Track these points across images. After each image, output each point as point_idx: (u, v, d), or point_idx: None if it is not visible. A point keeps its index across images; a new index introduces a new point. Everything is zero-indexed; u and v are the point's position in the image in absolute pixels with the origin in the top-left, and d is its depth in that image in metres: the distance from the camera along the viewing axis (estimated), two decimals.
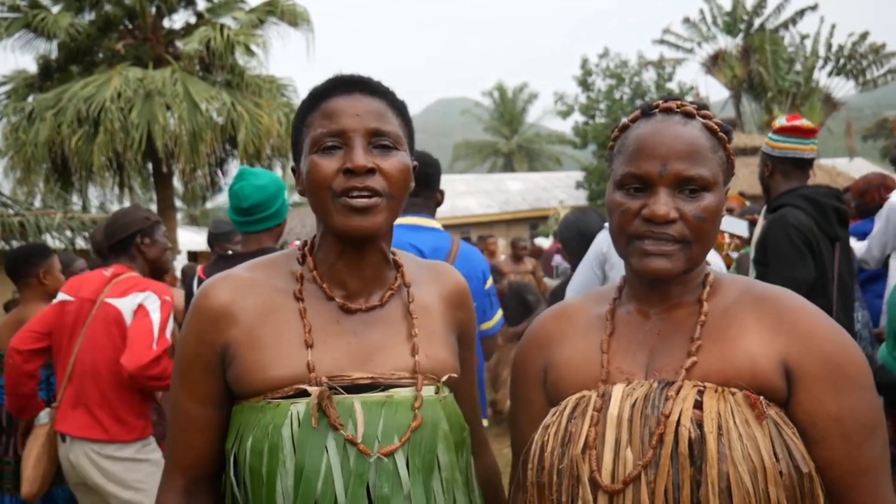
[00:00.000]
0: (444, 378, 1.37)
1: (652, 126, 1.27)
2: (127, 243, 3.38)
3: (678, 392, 1.17)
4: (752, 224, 4.85)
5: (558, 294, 3.88)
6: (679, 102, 1.29)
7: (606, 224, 3.23)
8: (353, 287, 1.39)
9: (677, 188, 1.22)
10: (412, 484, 1.27)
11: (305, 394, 1.26)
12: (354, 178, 1.29)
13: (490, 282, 3.14)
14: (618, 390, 1.22)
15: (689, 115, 1.27)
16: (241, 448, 1.29)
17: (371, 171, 1.30)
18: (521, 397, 1.43)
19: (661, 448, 1.13)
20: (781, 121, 3.38)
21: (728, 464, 1.09)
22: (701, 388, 1.17)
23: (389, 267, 1.44)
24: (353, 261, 1.37)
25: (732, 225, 5.35)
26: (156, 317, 3.10)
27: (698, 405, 1.15)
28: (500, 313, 3.25)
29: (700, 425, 1.12)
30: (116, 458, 3.16)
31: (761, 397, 1.15)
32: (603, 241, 3.20)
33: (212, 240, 4.94)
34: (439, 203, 3.03)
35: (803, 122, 3.34)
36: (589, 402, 1.23)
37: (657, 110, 1.29)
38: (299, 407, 1.26)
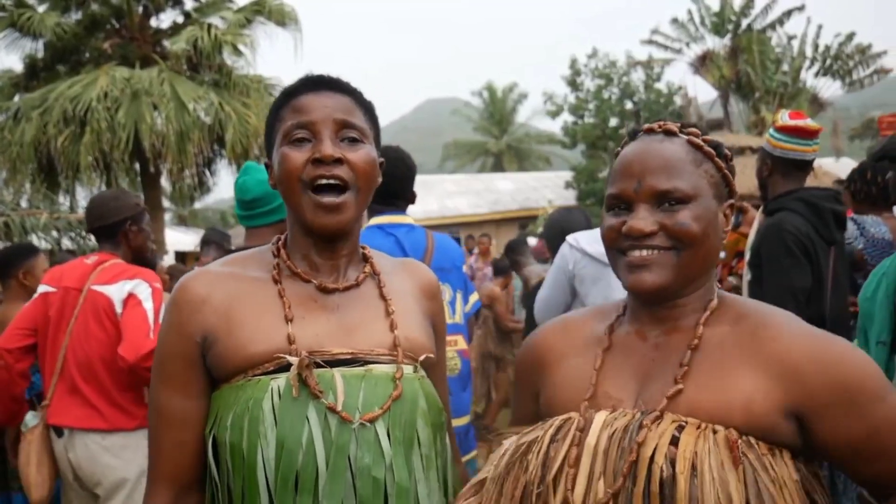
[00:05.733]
0: (422, 358, 1.40)
1: (632, 147, 1.29)
2: (115, 228, 3.30)
3: (657, 423, 1.15)
4: (741, 211, 4.75)
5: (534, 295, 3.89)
6: (661, 123, 1.30)
7: (569, 238, 3.24)
8: (327, 272, 1.44)
9: (657, 203, 1.23)
10: (393, 455, 1.27)
11: (285, 369, 1.29)
12: (322, 166, 1.34)
13: (465, 267, 3.24)
14: (599, 418, 1.21)
15: (670, 133, 1.28)
16: (220, 427, 1.29)
17: (338, 161, 1.35)
18: (520, 405, 1.45)
19: (632, 484, 1.11)
20: (784, 118, 3.26)
21: None
22: (682, 423, 1.15)
23: (360, 259, 1.50)
24: (325, 251, 1.43)
25: None
26: (149, 305, 3.05)
27: (676, 441, 1.12)
28: (476, 295, 3.35)
29: (674, 463, 1.10)
30: (119, 447, 3.08)
31: (741, 440, 1.12)
32: (569, 258, 3.19)
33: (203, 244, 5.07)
34: (412, 202, 3.10)
35: (808, 123, 3.23)
36: (572, 425, 1.22)
37: (642, 133, 1.31)
38: (279, 381, 1.28)
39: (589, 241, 3.13)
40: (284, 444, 1.24)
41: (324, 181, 1.34)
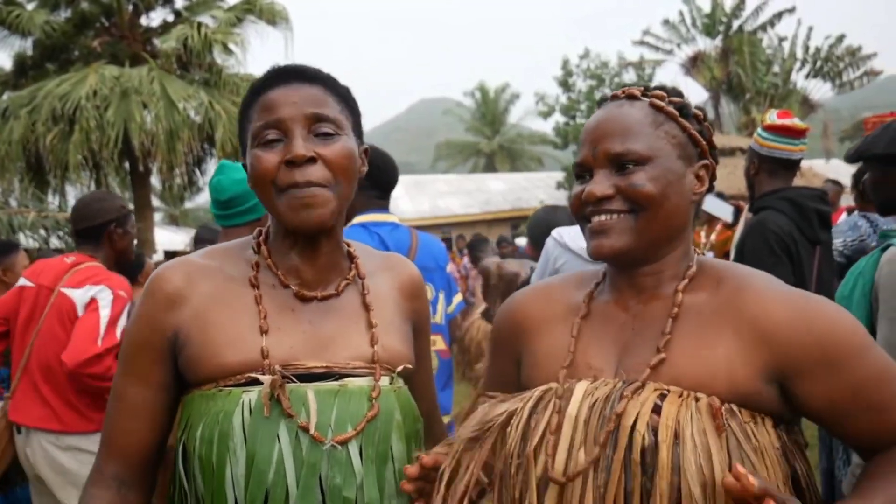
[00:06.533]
0: (400, 368, 1.37)
1: (594, 116, 1.28)
2: (99, 231, 3.27)
3: (638, 392, 1.13)
4: (739, 211, 4.74)
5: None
6: (625, 89, 1.29)
7: (554, 233, 3.23)
8: (308, 276, 1.38)
9: (614, 167, 1.22)
10: (365, 474, 1.26)
11: (257, 381, 1.25)
12: (296, 169, 1.28)
13: (450, 266, 3.22)
14: (580, 388, 1.18)
15: (632, 98, 1.27)
16: (190, 437, 1.26)
17: (312, 160, 1.28)
18: (497, 371, 1.42)
19: (613, 451, 1.10)
20: (773, 117, 3.27)
21: (680, 475, 1.06)
22: (664, 391, 1.13)
23: (344, 257, 1.44)
24: (306, 251, 1.37)
25: (716, 207, 5.00)
26: (105, 312, 3.02)
27: (658, 409, 1.10)
28: (459, 296, 3.33)
29: (656, 432, 1.08)
30: (75, 449, 3.07)
31: (724, 407, 1.11)
32: (552, 253, 3.19)
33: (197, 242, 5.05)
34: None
35: (795, 123, 3.24)
36: (553, 395, 1.21)
37: (608, 101, 1.30)
38: (251, 395, 1.25)
39: (572, 236, 3.13)
40: (254, 462, 1.21)
41: (298, 192, 1.28)
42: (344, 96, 1.38)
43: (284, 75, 1.35)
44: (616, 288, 1.30)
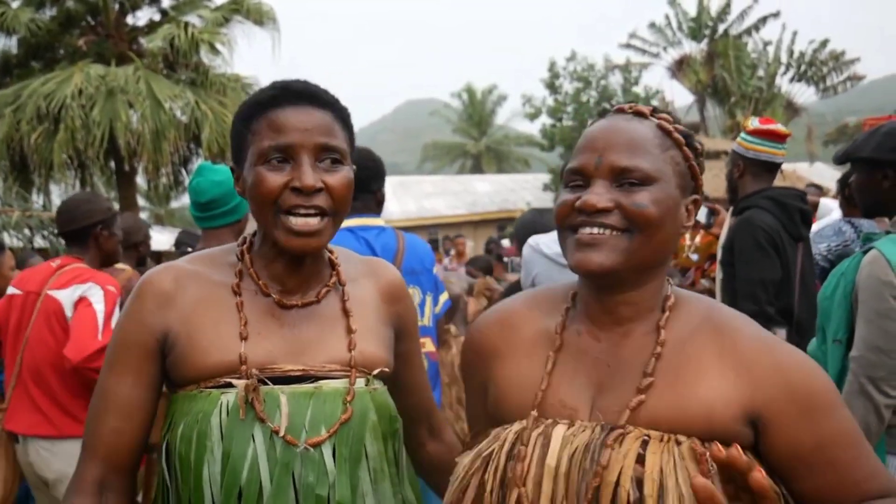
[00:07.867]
0: (376, 371, 1.40)
1: (599, 124, 1.24)
2: (86, 233, 3.29)
3: (619, 440, 1.10)
4: (713, 213, 4.82)
5: (513, 291, 3.90)
6: (632, 105, 1.25)
7: (530, 241, 3.24)
8: (290, 285, 1.42)
9: (615, 181, 1.16)
10: (338, 473, 1.29)
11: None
12: (301, 196, 1.31)
13: (436, 267, 3.22)
14: (558, 434, 1.15)
15: (640, 115, 1.23)
16: (172, 435, 1.31)
17: (318, 190, 1.32)
18: (471, 399, 1.42)
19: None
20: (755, 122, 3.41)
21: None
22: (646, 437, 1.10)
23: (326, 266, 1.47)
24: (290, 262, 1.40)
25: None
26: (100, 307, 3.03)
27: (641, 458, 1.08)
28: (446, 295, 3.32)
29: (640, 484, 1.05)
30: (68, 455, 3.02)
31: (708, 453, 1.06)
32: (528, 261, 3.20)
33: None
34: (381, 201, 3.05)
35: (778, 127, 3.40)
36: (528, 440, 1.16)
37: (611, 112, 1.27)
38: (229, 396, 1.29)
39: (548, 242, 3.14)
40: (229, 461, 1.26)
41: (302, 211, 1.31)
42: (346, 121, 1.41)
43: (296, 96, 1.36)
44: (589, 316, 1.24)
